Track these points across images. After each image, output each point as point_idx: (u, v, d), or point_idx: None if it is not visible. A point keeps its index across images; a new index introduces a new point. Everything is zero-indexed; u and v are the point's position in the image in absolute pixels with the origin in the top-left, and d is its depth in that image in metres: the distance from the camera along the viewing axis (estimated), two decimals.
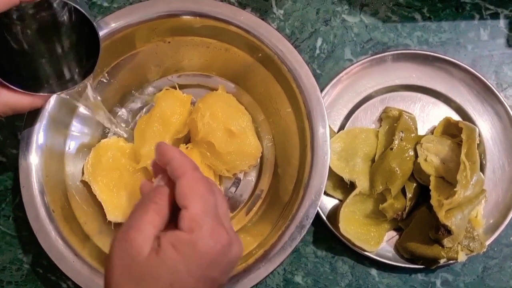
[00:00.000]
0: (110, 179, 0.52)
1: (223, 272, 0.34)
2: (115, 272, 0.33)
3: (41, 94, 0.44)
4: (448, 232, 0.47)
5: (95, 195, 0.52)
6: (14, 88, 0.42)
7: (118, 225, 0.53)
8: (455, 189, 0.47)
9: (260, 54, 0.51)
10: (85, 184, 0.53)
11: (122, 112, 0.58)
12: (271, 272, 0.46)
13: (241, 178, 0.56)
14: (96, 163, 0.53)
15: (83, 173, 0.54)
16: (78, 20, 0.43)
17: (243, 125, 0.53)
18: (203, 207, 0.33)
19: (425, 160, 0.51)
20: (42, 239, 0.47)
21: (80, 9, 0.40)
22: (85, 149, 0.54)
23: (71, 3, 0.40)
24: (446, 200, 0.46)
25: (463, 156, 0.48)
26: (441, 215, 0.47)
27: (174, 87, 0.56)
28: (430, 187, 0.50)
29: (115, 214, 0.52)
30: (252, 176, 0.56)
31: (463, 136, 0.50)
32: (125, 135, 0.56)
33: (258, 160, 0.56)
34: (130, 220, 0.34)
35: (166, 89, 0.55)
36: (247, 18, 0.50)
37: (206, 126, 0.51)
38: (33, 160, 0.49)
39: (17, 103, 0.43)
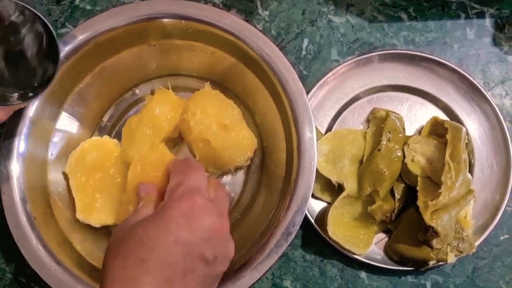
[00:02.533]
0: (90, 178, 0.51)
1: None
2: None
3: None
4: (436, 233, 0.47)
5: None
6: None
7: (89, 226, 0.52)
8: (439, 191, 0.46)
9: (246, 58, 0.51)
10: (69, 191, 0.52)
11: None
12: (257, 281, 0.45)
13: (227, 184, 0.55)
14: (80, 159, 0.52)
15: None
16: (38, 30, 0.42)
17: (235, 117, 0.52)
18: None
19: (412, 160, 0.51)
20: (23, 247, 0.46)
21: (40, 15, 0.39)
22: (68, 155, 0.53)
23: (28, 7, 0.38)
24: (431, 202, 0.46)
25: (447, 157, 0.48)
26: (427, 216, 0.46)
27: (167, 87, 0.55)
28: (417, 188, 0.49)
29: (84, 213, 0.51)
30: (239, 183, 0.55)
31: (448, 136, 0.49)
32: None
33: (252, 154, 0.54)
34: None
35: (159, 89, 0.54)
36: (232, 21, 0.49)
37: (199, 124, 0.50)
38: (14, 167, 0.47)
39: None
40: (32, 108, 0.49)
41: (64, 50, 0.49)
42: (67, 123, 0.53)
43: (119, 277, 0.34)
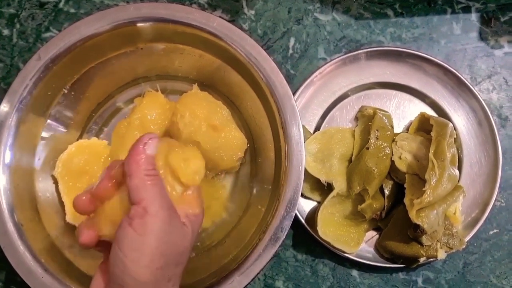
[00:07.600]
0: (78, 181, 0.51)
1: None
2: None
3: None
4: (424, 230, 0.47)
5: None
6: None
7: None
8: (423, 189, 0.46)
9: (234, 61, 0.50)
10: (58, 194, 0.52)
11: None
12: (246, 286, 0.44)
13: (215, 190, 0.55)
14: (67, 162, 0.52)
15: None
16: None
17: (225, 118, 0.52)
18: None
19: (400, 158, 0.51)
20: (9, 254, 0.45)
21: None
22: (56, 158, 0.53)
23: None
24: (416, 200, 0.46)
25: (431, 155, 0.47)
26: (412, 214, 0.46)
27: (156, 90, 0.54)
28: (405, 185, 0.49)
29: (74, 216, 0.50)
30: (228, 187, 0.55)
31: (433, 133, 0.49)
32: None
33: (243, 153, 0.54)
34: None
35: (149, 91, 0.54)
36: (220, 24, 0.49)
37: (188, 126, 0.50)
38: (0, 178, 0.47)
39: None
40: (15, 118, 0.48)
41: (50, 54, 0.48)
42: (54, 128, 0.53)
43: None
